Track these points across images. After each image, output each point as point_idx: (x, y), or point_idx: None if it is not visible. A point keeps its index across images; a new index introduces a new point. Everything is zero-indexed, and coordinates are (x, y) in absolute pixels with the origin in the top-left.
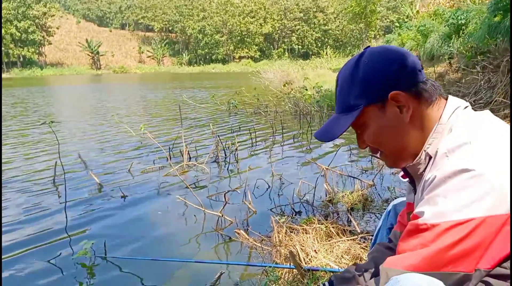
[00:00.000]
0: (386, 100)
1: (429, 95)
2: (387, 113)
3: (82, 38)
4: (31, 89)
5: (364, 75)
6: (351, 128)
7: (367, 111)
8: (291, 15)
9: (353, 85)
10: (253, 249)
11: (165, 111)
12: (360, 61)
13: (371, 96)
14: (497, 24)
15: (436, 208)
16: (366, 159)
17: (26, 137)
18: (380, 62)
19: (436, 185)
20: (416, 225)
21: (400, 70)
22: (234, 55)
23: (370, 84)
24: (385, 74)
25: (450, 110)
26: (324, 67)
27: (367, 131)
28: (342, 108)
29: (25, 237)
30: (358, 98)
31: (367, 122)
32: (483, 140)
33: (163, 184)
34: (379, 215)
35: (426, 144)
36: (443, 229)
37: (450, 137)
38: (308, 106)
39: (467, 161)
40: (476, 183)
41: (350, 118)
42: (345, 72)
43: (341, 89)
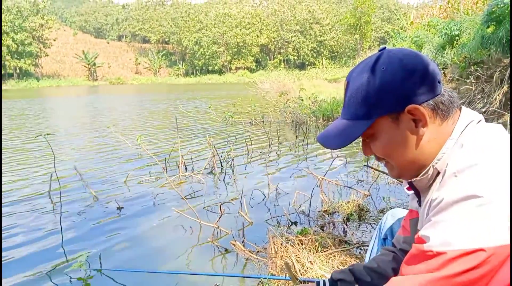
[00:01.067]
0: (401, 112)
1: (446, 109)
2: (401, 126)
3: (79, 49)
4: (27, 101)
5: (381, 83)
6: None
7: (380, 122)
8: (287, 26)
9: (368, 93)
10: (249, 260)
11: (161, 122)
12: (377, 66)
13: (386, 107)
14: (490, 35)
15: (442, 235)
16: (362, 169)
17: (22, 149)
18: (400, 71)
19: (442, 209)
20: (422, 251)
21: (420, 82)
22: (231, 66)
23: (387, 95)
24: (404, 86)
25: (463, 124)
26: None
27: (376, 142)
28: (352, 114)
29: (19, 249)
30: (372, 107)
31: (377, 132)
32: (494, 162)
33: (159, 196)
34: (375, 225)
35: (435, 159)
36: (449, 258)
37: (461, 155)
38: (304, 116)
39: (477, 185)
40: (485, 211)
41: (360, 128)
42: (359, 76)
43: (353, 95)
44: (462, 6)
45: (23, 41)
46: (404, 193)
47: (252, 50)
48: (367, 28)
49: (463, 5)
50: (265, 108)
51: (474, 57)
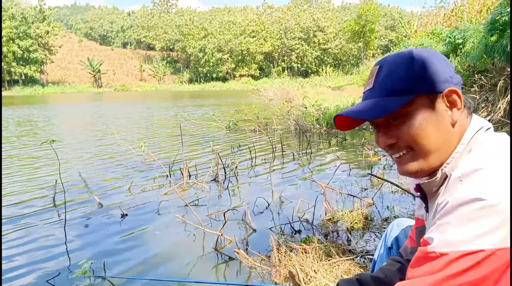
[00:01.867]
0: (438, 94)
1: (470, 107)
2: (437, 108)
3: (84, 56)
4: (33, 108)
5: (424, 63)
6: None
7: (418, 101)
8: (291, 34)
9: (412, 70)
10: (252, 268)
11: (165, 128)
12: (414, 53)
13: (428, 86)
14: (494, 43)
15: (445, 236)
16: (366, 177)
17: (27, 155)
18: (438, 59)
19: (447, 212)
20: (426, 252)
21: (452, 73)
22: (235, 74)
23: (429, 74)
24: (443, 69)
25: (473, 130)
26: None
27: (410, 122)
28: (389, 90)
29: (23, 256)
30: (414, 83)
31: (413, 111)
32: (499, 167)
33: (163, 203)
34: (379, 234)
35: (445, 163)
36: (451, 258)
37: (468, 160)
38: (307, 124)
39: (481, 189)
40: (488, 214)
41: (399, 101)
42: (396, 58)
43: (391, 72)
44: (465, 14)
45: (28, 48)
46: (408, 202)
47: (256, 58)
48: (371, 36)
49: (466, 14)
50: (268, 116)
51: (478, 66)
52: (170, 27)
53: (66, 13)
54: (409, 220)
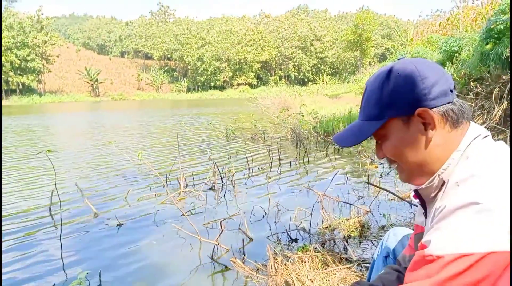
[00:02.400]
0: (412, 115)
1: (456, 117)
2: (411, 128)
3: (82, 66)
4: (30, 118)
5: (394, 87)
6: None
7: (391, 123)
8: (288, 43)
9: (382, 95)
10: (249, 278)
11: (162, 137)
12: (392, 71)
13: (398, 109)
14: (489, 51)
15: (442, 239)
16: (363, 185)
17: (23, 166)
18: (413, 76)
19: (444, 216)
20: (422, 256)
21: (432, 87)
22: (232, 82)
23: (399, 97)
24: (416, 89)
25: (470, 137)
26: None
27: (387, 143)
28: (367, 115)
29: (18, 266)
30: (384, 108)
31: (389, 133)
32: (495, 172)
33: (159, 212)
34: (376, 242)
35: (441, 169)
36: (447, 261)
37: (465, 166)
38: (304, 132)
39: (477, 193)
40: (484, 217)
41: (373, 127)
42: (375, 80)
43: (369, 97)
44: (461, 23)
45: (26, 57)
46: (405, 210)
47: (254, 66)
48: (368, 45)
49: (462, 22)
50: (266, 124)
51: (473, 74)
52: (168, 36)
53: (64, 23)
54: (406, 229)
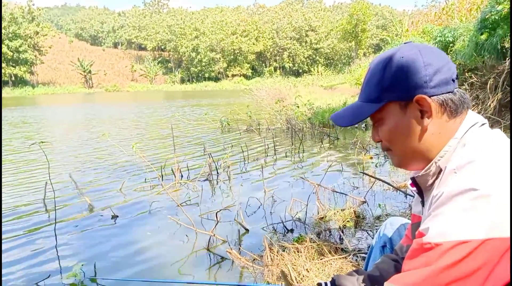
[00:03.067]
0: (410, 101)
1: (455, 107)
2: (408, 114)
3: (75, 57)
4: (22, 109)
5: (396, 70)
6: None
7: (389, 107)
8: (283, 34)
9: (383, 78)
10: (245, 268)
11: (157, 129)
12: (396, 55)
13: (396, 94)
14: (484, 41)
15: (440, 227)
16: (358, 176)
17: (16, 156)
18: (416, 62)
19: (442, 203)
20: (421, 244)
21: (434, 75)
22: (227, 73)
23: (400, 82)
24: (417, 76)
25: (467, 125)
26: (316, 84)
27: (383, 126)
28: (366, 97)
29: (13, 258)
30: (383, 91)
31: (385, 117)
32: (494, 159)
33: (155, 203)
34: (371, 233)
35: (438, 156)
36: (445, 248)
37: (462, 153)
38: (300, 123)
39: (475, 180)
40: (482, 204)
41: (371, 109)
42: (379, 62)
43: (370, 79)
44: (456, 13)
45: (18, 48)
46: (400, 200)
47: (248, 57)
48: (363, 35)
49: (457, 13)
50: (261, 115)
51: (468, 64)
52: (162, 27)
53: (57, 14)
54: (402, 219)
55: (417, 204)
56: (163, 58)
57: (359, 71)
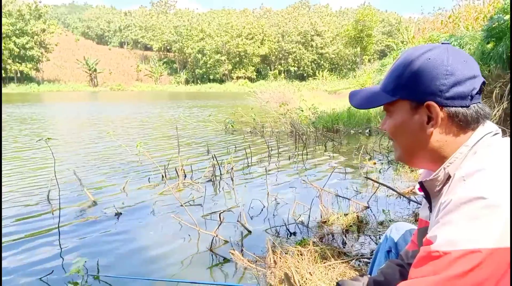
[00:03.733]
0: (421, 104)
1: (465, 122)
2: (415, 116)
3: (80, 55)
4: (30, 106)
5: (418, 70)
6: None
7: (400, 103)
8: (289, 37)
9: (403, 74)
10: (247, 270)
11: (161, 129)
12: (425, 55)
13: (410, 93)
14: (490, 51)
15: (448, 235)
16: (361, 181)
17: (22, 153)
18: (438, 69)
19: (450, 210)
20: (429, 252)
21: (452, 86)
22: (232, 75)
23: (416, 83)
24: (434, 82)
25: (480, 134)
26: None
27: (391, 120)
28: (384, 86)
29: (16, 254)
30: (399, 87)
31: (395, 111)
32: (501, 167)
33: (158, 202)
34: (374, 238)
35: (447, 162)
36: (454, 257)
37: (472, 160)
38: (303, 127)
39: (484, 188)
40: (491, 213)
41: (384, 100)
42: (408, 56)
43: (394, 69)
44: (462, 21)
45: (24, 45)
46: (403, 206)
47: (253, 60)
48: (368, 41)
49: (463, 21)
50: (265, 118)
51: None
52: (168, 27)
53: (64, 12)
54: (408, 225)
55: (424, 209)
56: (169, 59)
57: (364, 77)
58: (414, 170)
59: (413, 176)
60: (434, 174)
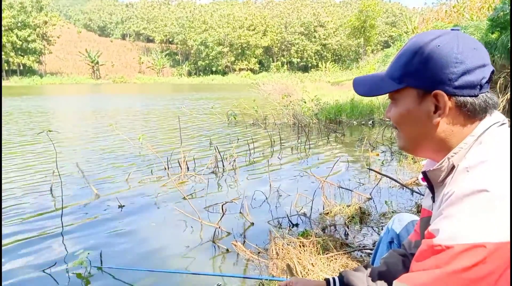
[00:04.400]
0: (428, 93)
1: (473, 111)
2: (422, 105)
3: (83, 47)
4: (36, 98)
5: (427, 58)
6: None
7: (407, 91)
8: (291, 29)
9: (412, 61)
10: (250, 261)
11: (164, 121)
12: (434, 41)
13: (418, 81)
14: (494, 41)
15: (451, 229)
16: (364, 172)
17: (24, 146)
18: (448, 57)
19: (452, 203)
20: (431, 246)
21: (461, 75)
22: (234, 67)
23: (424, 71)
24: (443, 70)
25: (487, 124)
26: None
27: (396, 108)
28: (391, 73)
29: (20, 246)
30: (406, 75)
31: (400, 99)
32: (506, 159)
33: (161, 195)
34: (376, 229)
35: (452, 152)
36: (457, 251)
37: (476, 151)
38: (306, 119)
39: (487, 180)
40: (494, 206)
41: (390, 87)
42: (416, 42)
43: (400, 56)
44: (467, 11)
45: (26, 38)
46: (406, 197)
47: (256, 51)
48: (372, 32)
49: (468, 11)
50: (267, 110)
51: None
52: (170, 19)
53: (66, 4)
54: (411, 216)
55: (427, 198)
56: (171, 51)
57: (367, 68)
58: (417, 161)
59: (416, 167)
60: (438, 164)
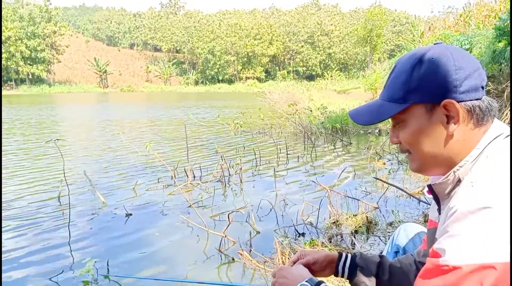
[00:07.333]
0: (437, 105)
1: (482, 115)
2: (433, 118)
3: (91, 57)
4: (39, 107)
5: (426, 72)
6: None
7: (413, 109)
8: (296, 37)
9: (411, 78)
10: (256, 270)
11: (170, 130)
12: (427, 55)
13: (424, 95)
14: (501, 49)
15: (457, 248)
16: (370, 181)
17: (32, 154)
18: (447, 65)
19: (457, 219)
20: (437, 265)
21: (464, 80)
22: (240, 76)
23: (429, 83)
24: (447, 79)
25: (491, 136)
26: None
27: (405, 129)
28: (390, 96)
29: (27, 254)
30: (410, 92)
31: (409, 119)
32: None
33: (167, 203)
34: (383, 238)
35: (457, 166)
36: (466, 272)
37: (482, 165)
38: (312, 127)
39: (493, 197)
40: (499, 224)
41: (394, 109)
42: (408, 60)
43: (396, 77)
44: (473, 20)
45: (36, 47)
46: (413, 207)
47: (262, 60)
48: (378, 41)
49: (474, 19)
50: (273, 118)
51: (485, 72)
52: (178, 28)
53: (74, 14)
54: (417, 226)
55: (433, 209)
56: (178, 60)
57: (373, 77)
58: None
59: (423, 177)
60: (444, 177)
